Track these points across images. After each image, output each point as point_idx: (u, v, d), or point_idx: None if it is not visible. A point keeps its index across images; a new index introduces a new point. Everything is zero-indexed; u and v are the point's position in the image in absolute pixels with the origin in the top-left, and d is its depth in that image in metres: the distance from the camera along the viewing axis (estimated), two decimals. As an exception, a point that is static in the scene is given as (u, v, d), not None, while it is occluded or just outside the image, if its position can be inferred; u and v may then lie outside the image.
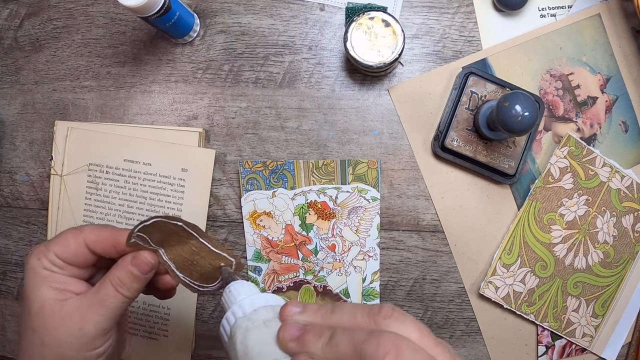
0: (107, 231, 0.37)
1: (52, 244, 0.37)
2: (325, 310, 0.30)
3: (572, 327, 0.53)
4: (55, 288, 0.37)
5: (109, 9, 0.56)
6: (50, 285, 0.36)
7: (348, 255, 0.53)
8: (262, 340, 0.29)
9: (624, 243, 0.53)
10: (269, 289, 0.54)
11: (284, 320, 0.30)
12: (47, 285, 0.36)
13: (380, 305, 0.29)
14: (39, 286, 0.36)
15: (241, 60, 0.55)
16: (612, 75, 0.53)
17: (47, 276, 0.37)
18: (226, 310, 0.33)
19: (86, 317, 0.36)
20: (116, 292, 0.36)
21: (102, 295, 0.36)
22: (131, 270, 0.36)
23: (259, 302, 0.31)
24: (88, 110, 0.56)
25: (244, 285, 0.34)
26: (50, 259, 0.37)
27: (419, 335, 0.28)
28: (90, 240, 0.37)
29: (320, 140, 0.54)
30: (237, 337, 0.29)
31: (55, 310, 0.36)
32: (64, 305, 0.36)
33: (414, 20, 0.53)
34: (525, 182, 0.53)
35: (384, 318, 0.29)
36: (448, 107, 0.51)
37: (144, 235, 0.36)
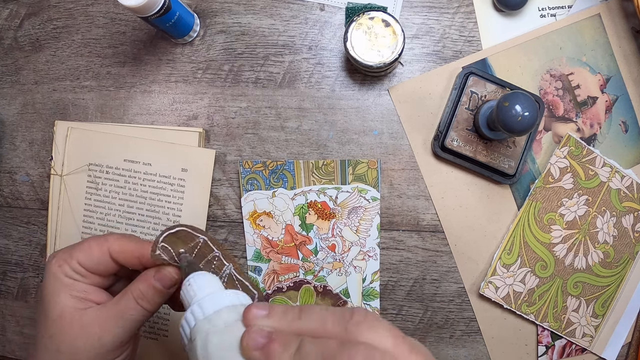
0: (132, 244, 0.37)
1: (75, 251, 0.37)
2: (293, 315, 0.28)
3: (572, 327, 0.53)
4: (76, 296, 0.36)
5: (109, 9, 0.56)
6: (70, 294, 0.36)
7: (348, 255, 0.53)
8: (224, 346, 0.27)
9: (624, 243, 0.53)
10: (269, 288, 0.54)
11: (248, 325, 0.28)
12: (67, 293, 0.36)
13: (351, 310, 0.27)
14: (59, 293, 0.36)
15: (241, 60, 0.55)
16: (612, 75, 0.53)
17: (69, 284, 0.36)
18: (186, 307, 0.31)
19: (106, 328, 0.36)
20: (137, 305, 0.36)
21: (123, 307, 0.36)
22: (154, 285, 0.36)
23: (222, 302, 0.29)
24: (88, 110, 0.56)
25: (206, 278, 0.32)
26: (72, 267, 0.36)
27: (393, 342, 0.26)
28: (114, 251, 0.37)
29: (320, 140, 0.54)
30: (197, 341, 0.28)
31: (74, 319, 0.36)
32: (83, 314, 0.36)
33: (414, 20, 0.53)
34: (525, 182, 0.53)
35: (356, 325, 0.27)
36: (448, 107, 0.51)
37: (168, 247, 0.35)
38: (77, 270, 0.37)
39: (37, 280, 0.58)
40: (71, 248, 0.37)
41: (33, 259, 0.58)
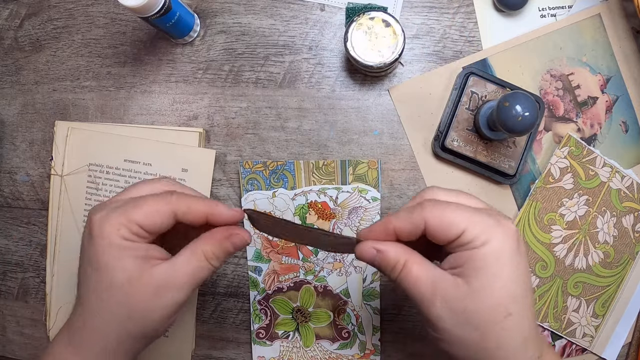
0: (201, 204, 0.36)
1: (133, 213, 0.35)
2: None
3: (572, 327, 0.53)
4: (139, 257, 0.35)
5: (109, 9, 0.56)
6: (134, 255, 0.35)
7: (348, 255, 0.53)
8: None
9: (624, 243, 0.53)
10: (269, 289, 0.54)
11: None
12: (131, 256, 0.35)
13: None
14: (122, 258, 0.35)
15: (241, 61, 0.55)
16: (612, 75, 0.53)
17: (129, 246, 0.35)
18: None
19: (178, 287, 0.35)
20: (209, 264, 0.36)
21: (195, 266, 0.36)
22: (227, 247, 0.36)
23: None
24: (88, 111, 0.56)
25: None
26: (131, 229, 0.35)
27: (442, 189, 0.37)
28: (180, 212, 0.36)
29: (321, 140, 0.54)
30: None
31: (144, 282, 0.35)
32: (152, 274, 0.35)
33: (414, 20, 0.53)
34: (525, 182, 0.53)
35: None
36: (448, 107, 0.51)
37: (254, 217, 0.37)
38: (136, 232, 0.35)
39: (37, 280, 0.58)
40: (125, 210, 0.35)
41: (33, 259, 0.58)
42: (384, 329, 0.54)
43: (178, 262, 0.36)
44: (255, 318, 0.54)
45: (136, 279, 0.35)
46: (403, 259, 0.34)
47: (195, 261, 0.36)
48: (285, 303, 0.54)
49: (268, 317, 0.54)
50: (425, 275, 0.33)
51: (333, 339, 0.54)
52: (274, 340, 0.54)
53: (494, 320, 0.33)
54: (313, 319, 0.54)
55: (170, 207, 0.36)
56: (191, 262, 0.36)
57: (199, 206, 0.36)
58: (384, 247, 0.35)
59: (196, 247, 0.36)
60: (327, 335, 0.54)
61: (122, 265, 0.35)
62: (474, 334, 0.33)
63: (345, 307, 0.54)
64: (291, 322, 0.54)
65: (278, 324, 0.54)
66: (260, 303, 0.54)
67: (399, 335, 0.54)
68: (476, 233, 0.32)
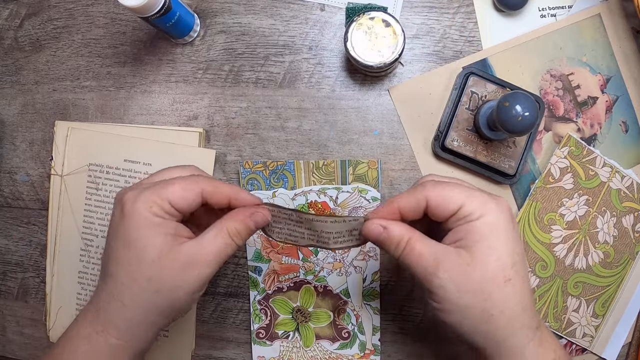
0: (225, 186, 0.39)
1: (164, 191, 0.37)
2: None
3: (572, 327, 0.53)
4: (169, 234, 0.37)
5: (109, 9, 0.56)
6: (164, 232, 0.37)
7: (348, 255, 0.53)
8: None
9: (624, 243, 0.53)
10: (269, 289, 0.54)
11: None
12: (161, 233, 0.37)
13: None
14: (153, 234, 0.37)
15: (241, 61, 0.55)
16: (612, 75, 0.53)
17: (160, 223, 0.37)
18: None
19: (205, 263, 0.37)
20: (232, 242, 0.38)
21: (220, 243, 0.38)
22: (249, 224, 0.39)
23: None
24: (88, 111, 0.56)
25: None
26: (162, 207, 0.37)
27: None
28: (208, 192, 0.39)
29: (321, 140, 0.54)
30: None
31: (172, 258, 0.37)
32: (180, 250, 0.37)
33: (414, 20, 0.53)
34: (525, 182, 0.53)
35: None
36: (448, 107, 0.51)
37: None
38: (167, 210, 0.37)
39: (37, 280, 0.58)
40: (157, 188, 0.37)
41: (33, 259, 0.58)
42: (384, 329, 0.54)
43: (204, 240, 0.38)
44: (255, 318, 0.54)
45: (165, 255, 0.36)
46: (407, 236, 0.37)
47: (220, 238, 0.38)
48: (285, 303, 0.54)
49: (268, 317, 0.54)
50: (428, 250, 0.36)
51: (333, 339, 0.54)
52: (274, 340, 0.54)
53: (496, 285, 0.35)
54: (313, 319, 0.54)
55: (198, 186, 0.38)
56: (217, 240, 0.38)
57: (224, 188, 0.39)
58: (389, 224, 0.37)
59: (221, 226, 0.38)
60: (327, 335, 0.54)
61: (152, 241, 0.36)
62: (476, 299, 0.35)
63: (345, 307, 0.54)
64: (291, 322, 0.54)
65: (278, 324, 0.54)
66: (260, 303, 0.54)
67: (398, 335, 0.54)
68: (473, 207, 0.36)
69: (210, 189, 0.39)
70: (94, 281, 0.56)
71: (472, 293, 0.35)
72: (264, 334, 0.54)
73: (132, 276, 0.37)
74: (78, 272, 0.56)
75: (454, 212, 0.36)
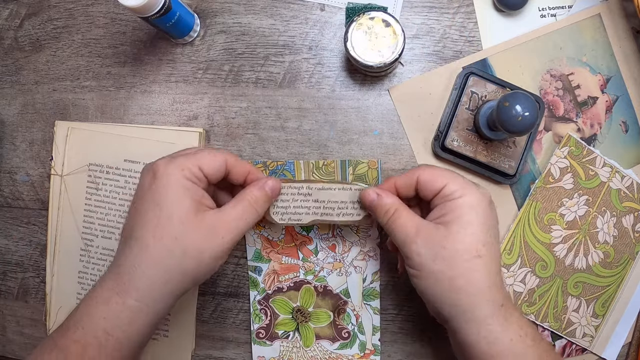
0: (245, 162, 0.44)
1: (196, 158, 0.40)
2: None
3: (572, 327, 0.53)
4: (196, 200, 0.40)
5: (109, 9, 0.56)
6: (191, 197, 0.39)
7: (348, 255, 0.53)
8: None
9: (624, 243, 0.53)
10: (269, 288, 0.54)
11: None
12: (190, 197, 0.39)
13: None
14: (183, 196, 0.39)
15: (241, 60, 0.55)
16: (612, 75, 0.53)
17: (190, 187, 0.39)
18: None
19: (229, 229, 0.40)
20: (253, 209, 0.42)
21: (241, 210, 0.41)
22: (267, 192, 0.43)
23: None
24: (88, 110, 0.56)
25: None
26: (193, 172, 0.40)
27: None
28: (230, 163, 0.43)
29: (321, 140, 0.54)
30: None
31: (198, 221, 0.39)
32: (205, 216, 0.39)
33: (414, 20, 0.53)
34: (525, 182, 0.53)
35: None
36: (448, 107, 0.51)
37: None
38: (197, 175, 0.40)
39: (37, 280, 0.58)
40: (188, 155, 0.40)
41: (33, 259, 0.58)
42: (384, 329, 0.54)
43: (227, 208, 0.41)
44: (255, 318, 0.54)
45: (192, 218, 0.39)
46: (395, 206, 0.42)
47: (242, 206, 0.41)
48: (285, 303, 0.54)
49: (268, 317, 0.54)
50: (411, 221, 0.41)
51: (333, 339, 0.54)
52: (274, 340, 0.54)
53: (466, 258, 0.38)
54: (313, 319, 0.54)
55: (224, 156, 0.42)
56: (239, 207, 0.41)
57: (244, 163, 0.44)
58: (383, 193, 0.43)
59: (242, 195, 0.42)
60: (327, 335, 0.54)
61: (182, 202, 0.39)
62: (447, 268, 0.39)
63: (345, 307, 0.54)
64: (291, 322, 0.54)
65: (278, 324, 0.54)
66: (260, 303, 0.54)
67: (398, 335, 0.54)
68: (455, 187, 0.40)
69: (232, 161, 0.42)
70: (94, 281, 0.56)
71: (444, 262, 0.39)
72: (264, 334, 0.54)
73: (159, 235, 0.38)
74: (78, 272, 0.56)
75: (438, 190, 0.41)
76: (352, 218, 0.47)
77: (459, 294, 0.39)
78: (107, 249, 0.55)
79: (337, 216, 0.47)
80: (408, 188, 0.43)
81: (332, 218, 0.47)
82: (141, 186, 0.41)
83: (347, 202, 0.46)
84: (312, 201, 0.46)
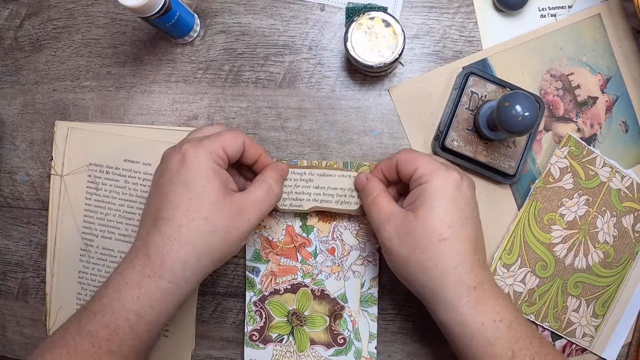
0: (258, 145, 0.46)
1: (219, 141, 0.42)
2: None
3: (572, 327, 0.53)
4: (223, 181, 0.41)
5: (109, 9, 0.56)
6: (220, 179, 0.41)
7: (347, 259, 0.53)
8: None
9: (624, 243, 0.53)
10: (266, 290, 0.54)
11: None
12: (218, 179, 0.41)
13: None
14: (213, 179, 0.40)
15: (241, 61, 0.55)
16: (612, 75, 0.53)
17: (217, 170, 0.41)
18: None
19: (254, 209, 0.43)
20: (272, 188, 0.44)
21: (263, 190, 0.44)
22: (281, 172, 0.46)
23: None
24: (88, 110, 0.56)
25: None
26: (219, 154, 0.42)
27: None
28: (247, 144, 0.44)
29: (321, 140, 0.54)
30: None
31: (228, 202, 0.41)
32: (233, 198, 0.41)
33: (414, 20, 0.53)
34: (525, 182, 0.53)
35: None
36: (448, 107, 0.51)
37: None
38: (222, 157, 0.42)
39: (37, 280, 0.58)
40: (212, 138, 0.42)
41: (33, 259, 0.58)
42: (383, 329, 0.54)
43: (252, 190, 0.43)
44: (250, 320, 0.54)
45: (221, 199, 0.40)
46: (377, 191, 0.45)
47: (264, 188, 0.44)
48: (281, 305, 0.54)
49: (263, 319, 0.54)
50: (387, 207, 0.43)
51: (328, 345, 0.53)
52: (267, 344, 0.54)
53: (431, 242, 0.40)
54: (308, 323, 0.53)
55: (242, 137, 0.44)
56: (262, 189, 0.44)
57: (256, 145, 0.46)
58: (371, 178, 0.47)
59: (262, 177, 0.45)
60: (322, 340, 0.53)
61: (212, 184, 0.40)
62: (414, 252, 0.40)
63: (342, 313, 0.53)
64: (286, 325, 0.54)
65: (272, 327, 0.54)
66: (255, 304, 0.54)
67: (398, 335, 0.54)
68: (425, 171, 0.42)
69: (248, 142, 0.44)
70: (94, 281, 0.56)
71: (411, 246, 0.40)
72: (258, 337, 0.54)
73: (191, 216, 0.39)
74: (78, 272, 0.56)
75: (411, 173, 0.43)
76: (349, 207, 0.49)
77: (426, 276, 0.40)
78: (107, 249, 0.55)
79: (335, 204, 0.49)
80: (391, 172, 0.46)
81: (330, 205, 0.49)
82: (167, 169, 0.41)
83: (346, 190, 0.49)
84: (312, 187, 0.49)
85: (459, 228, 0.40)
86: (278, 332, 0.54)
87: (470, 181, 0.43)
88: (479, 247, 0.42)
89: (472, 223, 0.42)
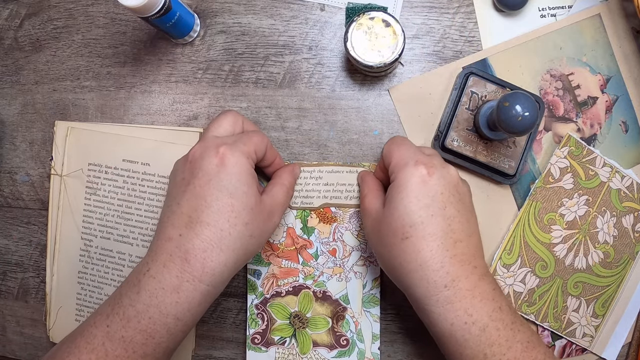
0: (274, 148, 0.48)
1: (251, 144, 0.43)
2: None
3: (572, 327, 0.53)
4: (257, 186, 0.43)
5: (109, 9, 0.56)
6: (256, 184, 0.42)
7: (349, 260, 0.53)
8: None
9: (624, 243, 0.53)
10: (267, 293, 0.53)
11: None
12: (255, 184, 0.42)
13: None
14: (252, 184, 0.41)
15: (241, 61, 0.55)
16: (612, 75, 0.53)
17: (253, 174, 0.42)
18: None
19: (279, 211, 0.45)
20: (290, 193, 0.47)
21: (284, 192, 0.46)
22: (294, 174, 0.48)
23: None
24: (88, 111, 0.56)
25: None
26: (253, 158, 0.43)
27: None
28: (269, 146, 0.46)
29: (321, 140, 0.54)
30: None
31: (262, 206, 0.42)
32: (264, 201, 0.43)
33: (414, 20, 0.53)
34: (525, 182, 0.53)
35: None
36: (448, 107, 0.51)
37: None
38: (254, 160, 0.43)
39: (37, 280, 0.58)
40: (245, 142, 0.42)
41: (33, 259, 0.58)
42: (384, 329, 0.54)
43: (274, 193, 0.45)
44: (252, 323, 0.54)
45: (258, 203, 0.42)
46: (368, 189, 0.46)
47: (284, 190, 0.46)
48: (283, 308, 0.54)
49: (265, 322, 0.53)
50: (370, 204, 0.45)
51: (331, 347, 0.53)
52: (269, 347, 0.53)
53: (395, 241, 0.40)
54: (311, 325, 0.53)
55: (267, 140, 0.45)
56: (282, 191, 0.45)
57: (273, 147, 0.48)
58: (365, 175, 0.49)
59: (279, 180, 0.46)
60: (324, 342, 0.53)
61: (252, 192, 0.41)
62: (384, 250, 0.41)
63: (344, 314, 0.53)
64: (288, 327, 0.53)
65: (274, 330, 0.53)
66: (257, 307, 0.54)
67: (398, 335, 0.54)
68: (394, 167, 0.42)
69: (269, 144, 0.46)
70: (93, 281, 0.56)
71: (380, 245, 0.42)
72: (260, 340, 0.53)
73: (233, 222, 0.40)
74: (78, 272, 0.56)
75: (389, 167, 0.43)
76: (358, 202, 0.50)
77: (396, 273, 0.41)
78: (106, 249, 0.55)
79: (344, 199, 0.51)
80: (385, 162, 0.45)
81: (340, 201, 0.51)
82: (203, 171, 0.40)
83: (354, 185, 0.51)
84: (322, 184, 0.51)
85: (422, 226, 0.39)
86: (280, 334, 0.53)
87: (444, 174, 0.41)
88: (451, 243, 0.39)
89: (440, 219, 0.39)
